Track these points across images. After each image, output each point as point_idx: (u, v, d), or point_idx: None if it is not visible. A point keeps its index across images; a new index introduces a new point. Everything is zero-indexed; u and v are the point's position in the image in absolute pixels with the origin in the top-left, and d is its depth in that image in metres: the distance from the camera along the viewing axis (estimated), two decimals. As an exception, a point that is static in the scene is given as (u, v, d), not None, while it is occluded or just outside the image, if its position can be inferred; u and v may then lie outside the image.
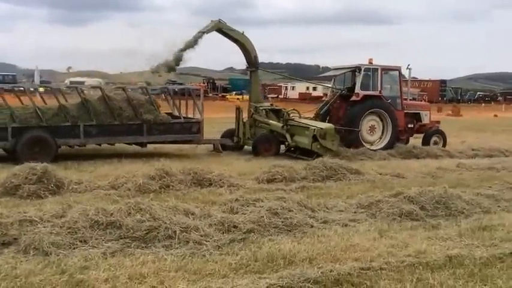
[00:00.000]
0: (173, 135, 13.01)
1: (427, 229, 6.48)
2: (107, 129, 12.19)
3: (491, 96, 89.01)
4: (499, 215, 7.27)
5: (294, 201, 7.08)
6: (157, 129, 12.71)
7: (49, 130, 11.60)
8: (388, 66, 15.72)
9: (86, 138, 12.06)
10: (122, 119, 12.27)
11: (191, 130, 13.20)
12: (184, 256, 5.17)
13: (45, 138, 11.49)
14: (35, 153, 11.01)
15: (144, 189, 8.16)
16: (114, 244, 5.38)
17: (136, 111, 12.41)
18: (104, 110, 12.15)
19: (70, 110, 11.96)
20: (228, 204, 7.02)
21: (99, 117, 12.10)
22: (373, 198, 7.58)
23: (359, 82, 15.01)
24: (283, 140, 13.99)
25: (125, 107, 12.34)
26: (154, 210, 5.93)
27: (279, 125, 14.06)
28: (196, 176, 8.98)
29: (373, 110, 14.98)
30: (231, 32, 14.36)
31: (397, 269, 4.99)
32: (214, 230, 5.95)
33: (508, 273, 4.96)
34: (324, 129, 13.09)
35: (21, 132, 11.30)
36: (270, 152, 13.56)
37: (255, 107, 14.79)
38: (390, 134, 15.09)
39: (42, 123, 11.60)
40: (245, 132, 14.54)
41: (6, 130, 11.19)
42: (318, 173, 9.97)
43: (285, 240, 5.75)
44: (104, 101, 12.17)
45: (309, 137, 13.08)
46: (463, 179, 10.41)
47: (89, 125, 11.98)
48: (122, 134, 12.41)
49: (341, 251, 5.43)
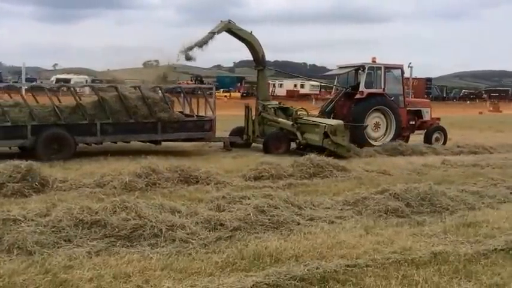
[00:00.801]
0: (186, 133, 13.26)
1: (412, 226, 6.52)
2: (122, 127, 12.42)
3: (476, 94, 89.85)
4: (483, 212, 7.34)
5: (281, 198, 7.07)
6: (171, 127, 12.95)
7: (67, 128, 11.80)
8: (390, 65, 16.10)
9: (103, 136, 12.30)
10: (137, 117, 12.50)
11: (204, 128, 13.42)
12: (170, 255, 5.14)
13: (65, 136, 11.69)
14: (54, 150, 11.39)
15: (130, 187, 8.09)
16: (99, 243, 5.33)
17: (151, 110, 12.62)
18: (119, 109, 12.37)
19: (87, 109, 12.17)
20: (214, 202, 6.99)
21: (115, 116, 12.31)
22: (359, 195, 7.61)
23: (363, 80, 15.43)
24: (293, 137, 14.15)
25: (140, 106, 12.56)
26: (140, 208, 5.89)
27: (288, 123, 14.24)
28: (183, 173, 8.94)
29: (377, 107, 15.42)
30: (240, 32, 14.57)
31: (382, 265, 5.01)
32: (200, 228, 5.92)
33: (492, 270, 5.00)
34: (334, 125, 13.33)
35: (40, 130, 11.47)
36: (281, 150, 13.71)
37: (263, 105, 14.95)
38: (394, 131, 15.54)
39: (61, 122, 11.80)
40: (254, 130, 14.73)
41: (25, 128, 11.39)
42: (305, 170, 9.99)
43: (271, 238, 5.75)
44: (120, 99, 12.38)
45: (320, 134, 13.33)
46: (448, 176, 10.49)
47: (106, 123, 12.20)
48: (137, 132, 12.64)
49: (327, 248, 5.45)
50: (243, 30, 14.66)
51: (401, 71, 16.53)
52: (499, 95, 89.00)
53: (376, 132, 15.61)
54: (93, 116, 12.13)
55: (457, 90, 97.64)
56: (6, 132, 11.30)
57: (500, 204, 7.89)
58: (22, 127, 11.38)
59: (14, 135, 11.38)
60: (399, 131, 15.72)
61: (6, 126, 11.27)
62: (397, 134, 15.60)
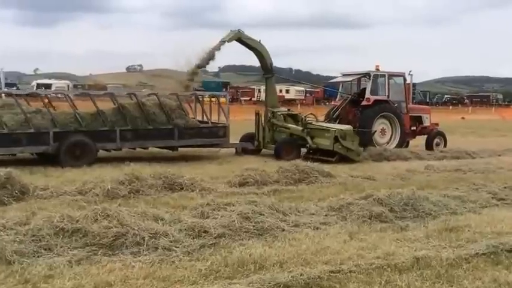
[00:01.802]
0: (202, 139, 13.57)
1: (395, 231, 6.54)
2: (141, 133, 12.71)
3: (458, 99, 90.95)
4: (465, 216, 7.38)
5: (266, 205, 7.05)
6: (187, 133, 13.27)
7: (88, 134, 12.04)
8: (393, 73, 16.68)
9: (122, 142, 12.56)
10: (155, 124, 12.79)
11: (218, 134, 13.76)
12: (152, 263, 5.09)
13: (87, 143, 11.93)
14: (76, 157, 11.65)
15: (113, 195, 8.01)
16: (80, 252, 5.25)
17: (169, 117, 12.93)
18: (138, 115, 12.66)
19: (107, 115, 12.41)
20: (198, 209, 6.94)
21: (134, 122, 12.59)
22: (344, 200, 7.61)
23: (369, 87, 15.90)
24: (303, 143, 14.44)
25: (158, 113, 12.86)
26: (122, 216, 5.82)
27: (299, 129, 14.57)
28: (167, 180, 8.87)
29: (383, 113, 15.90)
30: (249, 41, 14.91)
31: (366, 271, 5.02)
32: (184, 235, 5.87)
33: (473, 274, 5.03)
34: (343, 130, 13.78)
35: (62, 137, 11.71)
36: (292, 155, 13.78)
37: (272, 112, 15.23)
38: (399, 136, 16.09)
39: (82, 128, 12.05)
40: (265, 136, 15.03)
41: (48, 135, 11.61)
42: (290, 176, 9.99)
43: (256, 245, 5.72)
44: (139, 106, 12.68)
45: (331, 138, 13.67)
46: (431, 181, 10.56)
47: (125, 130, 12.45)
48: (154, 138, 12.93)
49: (311, 254, 5.44)
50: (252, 39, 14.99)
51: (403, 79, 17.09)
52: (480, 100, 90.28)
53: (382, 138, 16.06)
54: (113, 122, 12.40)
55: (439, 95, 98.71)
56: (30, 139, 11.52)
57: (482, 209, 7.94)
58: (45, 134, 11.60)
59: (37, 141, 11.60)
60: (404, 137, 16.29)
61: (29, 133, 11.49)
62: (402, 139, 16.17)
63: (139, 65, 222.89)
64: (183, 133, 13.13)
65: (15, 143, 11.41)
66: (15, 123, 11.56)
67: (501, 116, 44.84)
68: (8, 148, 11.48)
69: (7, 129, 11.37)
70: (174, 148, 13.47)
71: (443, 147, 16.86)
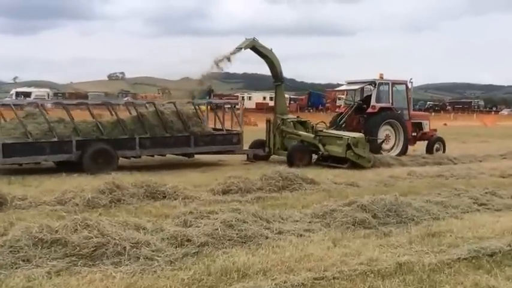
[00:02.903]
0: (217, 146, 14.05)
1: (379, 237, 6.56)
2: (158, 141, 13.11)
3: (440, 106, 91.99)
4: (447, 222, 7.42)
5: (249, 212, 7.01)
6: (203, 140, 13.73)
7: (109, 142, 12.40)
8: (397, 81, 17.22)
9: (141, 150, 12.94)
10: (172, 132, 13.21)
11: (232, 141, 14.21)
12: (134, 273, 5.02)
13: (109, 151, 12.30)
14: (99, 164, 11.93)
15: (93, 204, 7.91)
16: (60, 262, 5.16)
17: (185, 124, 13.38)
18: (156, 124, 13.06)
19: (127, 124, 12.78)
20: (181, 217, 6.87)
21: (153, 130, 12.98)
22: (327, 207, 7.61)
23: (374, 95, 16.43)
24: (314, 149, 14.71)
25: (175, 121, 13.31)
26: (102, 225, 5.74)
27: (310, 136, 14.88)
28: (149, 188, 8.79)
29: (387, 120, 16.40)
30: (262, 49, 15.23)
31: (349, 277, 5.02)
32: (166, 244, 5.82)
33: (455, 279, 5.05)
34: (356, 138, 14.03)
35: (85, 145, 12.05)
36: (303, 161, 14.15)
37: (282, 119, 15.54)
38: (402, 143, 16.61)
39: (103, 137, 12.37)
40: (275, 143, 15.31)
41: (71, 143, 11.94)
42: (273, 183, 9.95)
43: (239, 253, 5.68)
44: (157, 115, 13.05)
45: (343, 145, 13.94)
46: (413, 187, 10.60)
47: (144, 138, 12.85)
48: (172, 146, 13.35)
49: (295, 261, 5.42)
50: (265, 47, 15.32)
51: (405, 86, 17.50)
52: (462, 106, 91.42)
53: (387, 145, 16.51)
54: (133, 131, 12.77)
55: (422, 102, 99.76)
56: (53, 148, 11.82)
57: (463, 214, 8.00)
58: (68, 142, 11.92)
59: (60, 150, 11.89)
60: (407, 143, 16.76)
61: (53, 142, 11.80)
62: (405, 145, 16.67)
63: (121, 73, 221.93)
64: (198, 140, 13.60)
65: (40, 152, 11.71)
66: (40, 133, 11.83)
67: (482, 122, 45.37)
68: (32, 157, 11.76)
69: (32, 138, 11.63)
70: (190, 155, 13.92)
71: (442, 153, 17.37)
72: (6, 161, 11.50)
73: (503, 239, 6.36)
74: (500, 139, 25.14)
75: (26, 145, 11.54)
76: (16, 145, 11.46)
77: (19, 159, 11.64)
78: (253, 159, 14.91)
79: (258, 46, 15.13)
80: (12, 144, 11.41)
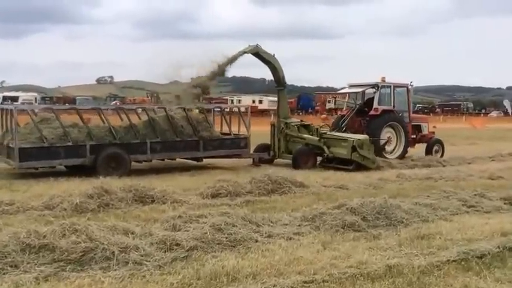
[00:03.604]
0: (225, 150, 14.30)
1: (368, 239, 6.57)
2: (169, 145, 13.32)
3: (430, 108, 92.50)
4: (436, 224, 7.46)
5: (238, 216, 7.00)
6: (211, 144, 13.98)
7: (122, 147, 12.60)
8: (398, 84, 17.51)
9: (152, 154, 13.14)
10: (182, 136, 13.44)
11: (240, 145, 14.47)
12: (123, 278, 4.99)
13: (122, 155, 12.50)
14: (112, 168, 12.15)
15: (82, 209, 7.86)
16: (48, 268, 5.11)
17: (195, 129, 13.62)
18: (167, 128, 13.26)
19: (139, 128, 12.98)
20: (170, 222, 6.83)
21: (163, 135, 13.17)
22: (317, 210, 7.62)
23: (377, 98, 16.70)
24: (319, 152, 14.95)
25: (185, 125, 13.56)
26: (90, 230, 5.69)
27: (315, 139, 15.11)
28: (137, 193, 8.74)
29: (389, 123, 16.70)
30: (265, 55, 15.47)
31: (339, 280, 5.02)
32: (155, 249, 5.78)
33: (445, 281, 5.07)
34: (361, 139, 14.30)
35: (98, 149, 12.22)
36: (309, 164, 14.46)
37: (285, 123, 15.74)
38: (403, 145, 16.90)
39: (116, 141, 12.55)
40: (280, 147, 15.57)
41: (85, 147, 12.13)
42: (263, 186, 9.93)
43: (228, 257, 5.65)
44: (168, 119, 13.26)
45: (348, 148, 14.18)
46: (402, 189, 10.66)
47: (155, 142, 13.05)
48: (181, 150, 13.60)
49: (285, 265, 5.41)
50: (268, 53, 15.55)
51: (406, 89, 17.85)
52: (451, 109, 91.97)
53: (389, 147, 16.76)
54: (144, 135, 12.96)
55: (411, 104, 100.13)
56: (68, 152, 12.01)
57: (452, 216, 8.04)
58: (82, 146, 12.12)
59: (74, 154, 12.09)
60: (407, 145, 17.06)
61: (67, 146, 11.98)
62: (406, 147, 16.97)
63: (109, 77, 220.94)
64: (207, 144, 13.84)
65: (55, 156, 11.88)
66: (55, 137, 11.99)
67: (471, 124, 45.64)
68: (48, 161, 11.93)
69: (47, 142, 11.79)
70: (200, 159, 14.15)
71: (441, 155, 17.64)
72: (22, 165, 11.71)
73: (493, 240, 6.40)
74: (489, 141, 25.35)
75: (41, 149, 11.72)
76: (32, 149, 11.64)
77: (35, 163, 11.83)
78: (259, 163, 15.11)
79: (261, 52, 15.38)
80: (29, 149, 11.60)
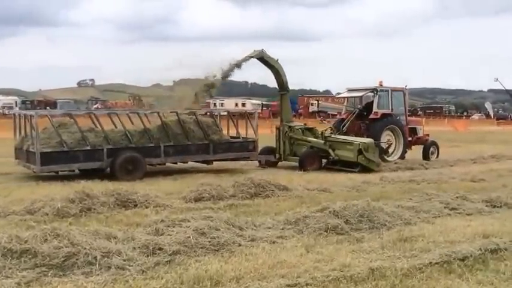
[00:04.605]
0: (233, 153, 14.78)
1: (351, 242, 6.59)
2: (181, 149, 13.76)
3: (412, 111, 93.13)
4: (419, 226, 7.51)
5: (222, 220, 6.98)
6: (221, 148, 14.41)
7: (138, 150, 12.97)
8: (395, 88, 17.99)
9: (165, 157, 13.57)
10: (193, 140, 13.88)
11: (248, 148, 14.93)
12: (105, 283, 4.95)
13: (138, 158, 12.88)
14: (129, 171, 12.57)
15: (63, 214, 7.79)
16: (29, 273, 5.05)
17: (205, 133, 14.01)
18: (179, 132, 13.68)
19: (153, 132, 13.33)
20: (153, 226, 6.78)
21: (176, 139, 13.60)
22: (300, 214, 7.61)
23: (376, 102, 17.13)
24: (324, 154, 15.37)
25: (196, 130, 13.94)
26: (72, 235, 5.64)
27: (320, 142, 15.53)
28: (119, 197, 8.69)
29: (389, 126, 17.17)
30: (269, 60, 15.90)
31: (322, 283, 5.03)
32: (138, 253, 5.74)
33: (427, 283, 5.11)
34: (366, 143, 14.76)
35: (115, 153, 12.58)
36: (314, 166, 14.91)
37: (289, 126, 16.24)
38: (402, 147, 17.43)
39: (132, 145, 12.93)
40: (285, 150, 16.02)
41: (102, 151, 12.48)
42: (246, 190, 9.94)
43: (212, 261, 5.65)
44: (180, 124, 13.66)
45: (354, 151, 14.59)
46: (385, 192, 10.73)
47: (168, 146, 13.46)
48: (193, 153, 14.04)
49: (268, 268, 5.41)
50: (272, 58, 15.96)
51: (403, 93, 18.23)
52: (433, 111, 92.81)
53: (389, 149, 17.15)
54: (158, 139, 13.35)
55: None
56: (86, 156, 12.39)
57: (435, 219, 8.10)
58: (99, 150, 12.47)
59: (92, 157, 12.46)
60: (406, 147, 17.55)
61: (86, 150, 12.36)
62: (404, 149, 17.47)
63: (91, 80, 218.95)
64: (217, 148, 14.28)
65: (74, 160, 12.29)
66: (74, 141, 12.34)
67: (453, 127, 46.15)
68: (68, 164, 12.30)
69: (67, 147, 12.12)
70: (210, 162, 14.56)
71: (437, 157, 18.28)
72: (43, 169, 12.02)
73: (474, 243, 6.44)
74: (471, 144, 25.68)
75: (61, 154, 12.09)
76: (53, 154, 12.02)
77: (55, 167, 12.20)
78: (265, 165, 15.64)
79: (266, 57, 15.78)
80: (50, 153, 11.96)
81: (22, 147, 12.79)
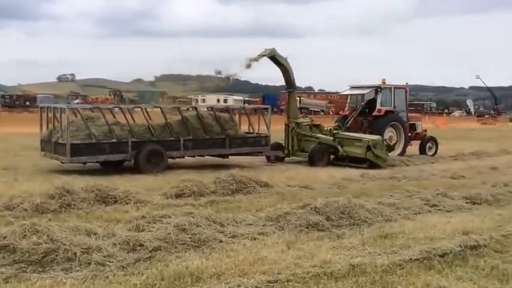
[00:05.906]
0: (248, 148, 15.17)
1: (332, 239, 6.63)
2: (199, 143, 14.20)
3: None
4: (399, 223, 7.58)
5: (203, 216, 6.97)
6: (236, 142, 14.83)
7: (160, 143, 13.44)
8: (397, 85, 18.36)
9: (184, 151, 14.00)
10: (211, 134, 14.31)
11: (261, 143, 15.32)
12: (85, 279, 4.92)
13: (160, 151, 13.32)
14: (152, 163, 13.05)
15: (42, 209, 7.68)
16: (8, 269, 5.01)
17: (222, 128, 14.44)
18: (198, 127, 14.14)
19: (174, 127, 13.76)
20: (133, 222, 6.78)
21: (195, 133, 14.04)
22: (281, 210, 7.64)
23: (379, 99, 17.53)
24: (332, 150, 15.83)
25: (214, 124, 14.41)
26: (52, 231, 5.59)
27: (329, 138, 15.97)
28: (100, 193, 8.60)
29: (392, 123, 17.56)
30: (280, 58, 16.32)
31: (303, 280, 5.05)
32: (118, 249, 5.71)
33: (407, 279, 5.16)
34: (375, 140, 15.18)
35: (139, 146, 13.07)
36: (323, 162, 15.35)
37: (296, 123, 16.62)
38: (403, 143, 17.77)
39: (154, 138, 13.39)
40: (293, 146, 16.40)
41: (127, 144, 12.95)
42: (227, 186, 9.90)
43: (192, 257, 5.64)
44: (198, 118, 14.17)
45: (363, 147, 15.01)
46: (366, 189, 10.81)
47: (187, 139, 13.91)
48: (210, 147, 14.46)
49: (249, 265, 5.42)
50: (282, 56, 16.38)
51: (404, 90, 18.66)
52: (415, 108, 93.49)
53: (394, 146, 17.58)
54: (178, 133, 13.79)
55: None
56: (112, 148, 12.86)
57: (415, 215, 8.17)
58: (124, 143, 12.95)
59: (118, 150, 12.93)
60: (406, 144, 17.93)
61: (112, 142, 12.83)
62: (405, 145, 17.86)
63: (71, 74, 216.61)
64: (232, 142, 14.69)
65: (101, 152, 12.75)
66: (101, 134, 12.83)
67: (434, 123, 46.57)
68: (96, 156, 12.82)
69: (95, 139, 12.60)
70: (225, 156, 14.99)
71: (435, 152, 18.61)
72: (73, 160, 12.55)
73: (454, 239, 6.52)
74: (452, 141, 25.92)
75: (90, 145, 12.61)
76: (82, 145, 12.54)
77: (84, 158, 12.72)
78: (274, 161, 16.01)
79: (277, 55, 16.17)
80: (79, 145, 12.48)
81: (50, 140, 13.17)
